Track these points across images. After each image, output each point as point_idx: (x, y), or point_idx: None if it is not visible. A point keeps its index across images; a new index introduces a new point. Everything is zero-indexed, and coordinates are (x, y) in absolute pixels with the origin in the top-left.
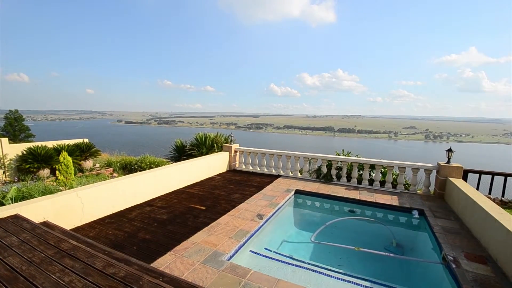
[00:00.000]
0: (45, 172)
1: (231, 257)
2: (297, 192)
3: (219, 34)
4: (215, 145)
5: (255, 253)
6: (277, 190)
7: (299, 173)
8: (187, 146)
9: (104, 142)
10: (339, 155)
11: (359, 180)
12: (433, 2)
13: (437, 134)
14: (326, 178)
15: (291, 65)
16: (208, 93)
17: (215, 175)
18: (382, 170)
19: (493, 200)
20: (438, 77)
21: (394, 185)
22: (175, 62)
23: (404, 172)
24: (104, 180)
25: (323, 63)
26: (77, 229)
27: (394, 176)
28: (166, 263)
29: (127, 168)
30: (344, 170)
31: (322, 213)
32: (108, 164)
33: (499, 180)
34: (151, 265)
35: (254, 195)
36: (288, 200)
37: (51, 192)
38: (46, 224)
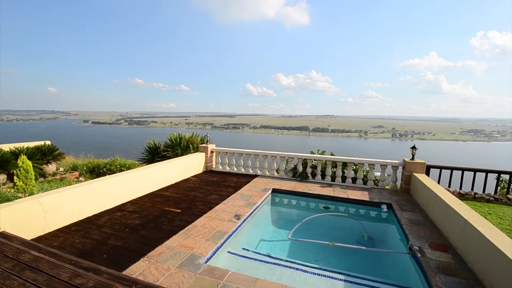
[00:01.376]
0: (1, 178)
1: (208, 259)
2: (274, 191)
3: (194, 32)
4: (190, 145)
5: (233, 253)
6: (254, 190)
7: (276, 172)
8: (161, 147)
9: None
10: (313, 154)
11: (333, 178)
12: (398, 8)
13: (403, 133)
14: (302, 177)
15: (267, 66)
16: (182, 92)
17: (191, 177)
18: (354, 167)
19: (452, 193)
20: (403, 79)
21: (365, 181)
22: (146, 60)
23: (374, 168)
24: (69, 185)
25: (297, 64)
26: (39, 239)
27: (364, 173)
28: (139, 270)
29: (95, 172)
30: (319, 168)
31: (299, 211)
32: (74, 168)
33: (457, 174)
34: (123, 273)
35: (232, 196)
36: (265, 199)
37: (8, 200)
38: (2, 235)
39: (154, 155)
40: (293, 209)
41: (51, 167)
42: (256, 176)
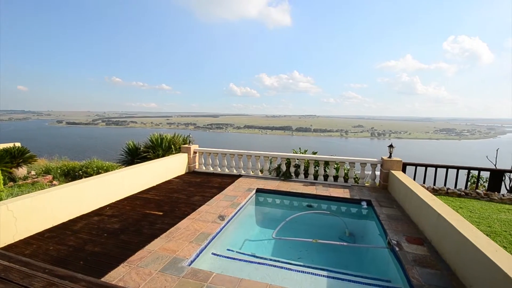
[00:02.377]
0: None
1: (192, 262)
2: (258, 190)
3: (175, 30)
4: (172, 146)
5: (217, 255)
6: (238, 190)
7: (260, 172)
8: (141, 148)
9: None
10: (296, 153)
11: (316, 176)
12: (376, 12)
13: (381, 132)
14: (285, 176)
15: (250, 65)
16: (163, 91)
17: (173, 178)
18: (335, 166)
19: (427, 189)
20: (381, 80)
21: (346, 179)
22: (125, 57)
23: (354, 167)
24: (42, 189)
25: (280, 65)
26: (9, 247)
27: (345, 171)
28: (119, 275)
29: (70, 175)
30: (302, 167)
31: (283, 210)
32: (47, 171)
33: (431, 171)
34: (102, 279)
35: (215, 196)
36: (249, 199)
37: None
38: None
39: (134, 156)
40: (277, 208)
41: (21, 171)
42: (240, 176)
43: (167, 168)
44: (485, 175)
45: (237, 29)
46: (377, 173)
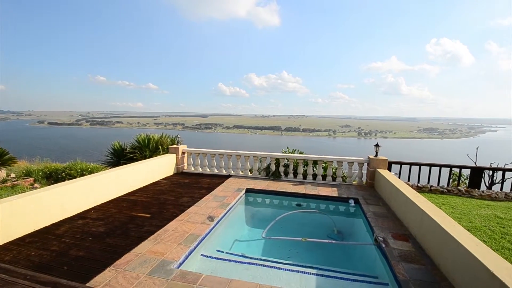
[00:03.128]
0: None
1: (181, 264)
2: (248, 190)
3: (161, 28)
4: (160, 147)
5: (207, 256)
6: (228, 190)
7: (249, 172)
8: (127, 149)
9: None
10: (285, 153)
11: (304, 176)
12: (362, 14)
13: (367, 132)
14: (275, 175)
15: (239, 65)
16: (150, 91)
17: (161, 179)
18: (324, 165)
19: (411, 186)
20: (367, 81)
21: (334, 178)
22: (109, 56)
23: (342, 166)
24: (23, 192)
25: (269, 65)
26: None
27: (333, 170)
28: (105, 280)
29: (53, 177)
30: (291, 167)
31: (272, 209)
32: (27, 174)
33: (415, 169)
34: (87, 284)
35: (205, 197)
36: (239, 199)
37: None
38: None
39: (120, 157)
40: (266, 208)
41: (0, 174)
42: (229, 176)
43: (155, 169)
44: (466, 172)
45: (225, 29)
46: (364, 171)
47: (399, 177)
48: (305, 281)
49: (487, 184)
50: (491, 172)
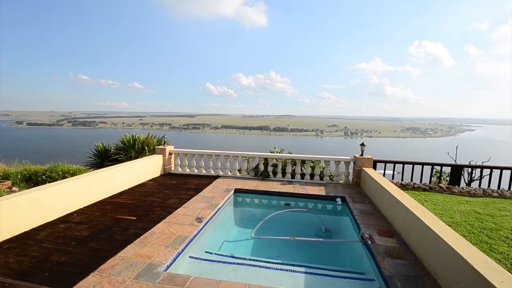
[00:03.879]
0: None
1: (168, 266)
2: (237, 191)
3: (147, 26)
4: (146, 147)
5: (195, 258)
6: (216, 191)
7: (238, 172)
8: (112, 150)
9: None
10: (273, 152)
11: (293, 175)
12: (348, 15)
13: (354, 131)
14: (263, 175)
15: (226, 65)
16: (136, 90)
17: (148, 181)
18: (312, 164)
19: (395, 184)
20: (353, 82)
21: (322, 177)
22: (92, 54)
23: (329, 165)
24: (0, 196)
25: (257, 65)
26: None
27: (321, 169)
28: (89, 285)
29: (32, 180)
30: (279, 167)
31: (261, 209)
32: (5, 177)
33: (399, 167)
34: None
35: (193, 198)
36: (228, 199)
37: None
38: None
39: (104, 159)
40: (255, 208)
41: None
42: (218, 177)
43: (141, 171)
44: (447, 170)
45: (213, 28)
46: (351, 170)
47: (383, 175)
48: (294, 280)
49: (466, 181)
50: (470, 169)
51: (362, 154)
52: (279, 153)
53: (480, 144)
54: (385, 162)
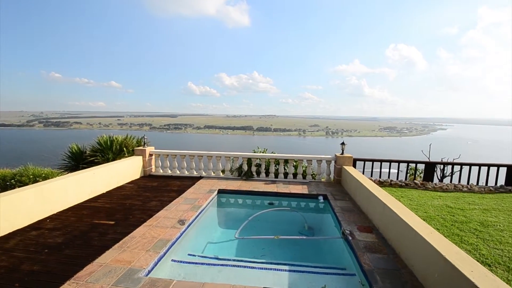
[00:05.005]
0: None
1: (149, 271)
2: (220, 191)
3: (125, 23)
4: (124, 149)
5: (178, 261)
6: (199, 192)
7: (221, 173)
8: (87, 152)
9: None
10: (256, 152)
11: (276, 174)
12: (328, 18)
13: (334, 131)
14: (247, 175)
15: (209, 64)
16: (113, 89)
17: (126, 183)
18: (294, 163)
19: (374, 181)
20: (333, 83)
21: (304, 176)
22: (66, 51)
23: (311, 164)
24: None
25: (240, 65)
26: None
27: (303, 168)
28: None
29: (0, 185)
30: (263, 166)
31: (245, 209)
32: None
33: (377, 165)
34: None
35: (175, 200)
36: (211, 201)
37: None
38: None
39: (79, 161)
40: (239, 208)
41: None
42: (201, 177)
43: (119, 173)
44: (421, 167)
45: (194, 27)
46: (332, 169)
47: (363, 173)
48: (278, 278)
49: (439, 177)
50: (442, 166)
51: (342, 153)
52: (263, 153)
53: (450, 142)
54: (364, 160)
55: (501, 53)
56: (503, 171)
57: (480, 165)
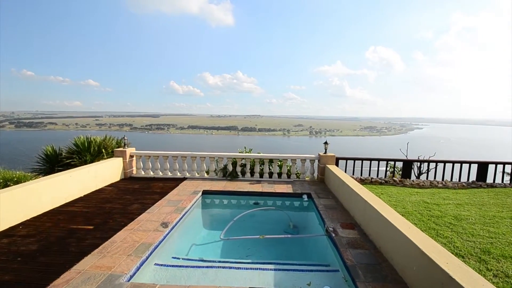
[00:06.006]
0: None
1: (131, 276)
2: (205, 192)
3: (101, 18)
4: (103, 150)
5: (161, 265)
6: (183, 194)
7: (205, 174)
8: (63, 154)
9: None
10: (241, 152)
11: (261, 174)
12: (311, 19)
13: (318, 130)
14: (232, 176)
15: (192, 64)
16: (90, 88)
17: (106, 186)
18: (279, 163)
19: (356, 179)
20: (316, 83)
21: (289, 175)
22: (38, 47)
23: (296, 163)
24: None
25: (224, 64)
26: None
27: (288, 168)
28: None
29: None
30: (248, 166)
31: (230, 210)
32: None
33: (358, 163)
34: None
35: (157, 203)
36: (195, 202)
37: None
38: None
39: (54, 164)
40: (224, 209)
41: None
42: (184, 179)
43: (98, 175)
44: (400, 165)
45: (176, 25)
46: (316, 167)
47: (345, 171)
48: (264, 278)
49: (416, 174)
50: (419, 163)
51: (325, 152)
52: (248, 153)
53: (426, 141)
54: (346, 159)
55: (472, 56)
56: (474, 167)
57: (453, 162)
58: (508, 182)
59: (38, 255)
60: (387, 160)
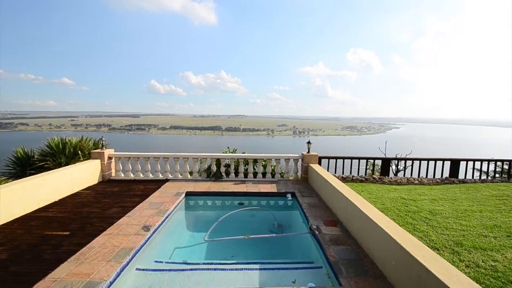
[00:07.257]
0: None
1: (111, 283)
2: (188, 194)
3: (76, 12)
4: (80, 152)
5: (143, 269)
6: (165, 196)
7: (189, 175)
8: (36, 157)
9: None
10: (225, 152)
11: (245, 174)
12: (293, 20)
13: (301, 130)
14: (216, 176)
15: (173, 63)
16: (65, 87)
17: (83, 190)
18: (263, 163)
19: (338, 177)
20: (299, 84)
21: (273, 175)
22: (6, 43)
23: (280, 162)
24: None
25: (207, 64)
26: None
27: (272, 167)
28: None
29: None
30: (232, 167)
31: (215, 211)
32: None
33: (340, 162)
34: None
35: (138, 205)
36: (178, 204)
37: None
38: None
39: (26, 167)
40: (209, 210)
41: None
42: (167, 180)
43: (74, 179)
44: (379, 163)
45: (157, 22)
46: (299, 167)
47: (327, 170)
48: (249, 278)
49: (394, 172)
50: (396, 161)
51: (308, 152)
52: (232, 153)
53: (403, 140)
54: (328, 158)
55: (446, 58)
56: (447, 164)
57: (428, 160)
58: (478, 177)
59: (9, 264)
60: (367, 159)
